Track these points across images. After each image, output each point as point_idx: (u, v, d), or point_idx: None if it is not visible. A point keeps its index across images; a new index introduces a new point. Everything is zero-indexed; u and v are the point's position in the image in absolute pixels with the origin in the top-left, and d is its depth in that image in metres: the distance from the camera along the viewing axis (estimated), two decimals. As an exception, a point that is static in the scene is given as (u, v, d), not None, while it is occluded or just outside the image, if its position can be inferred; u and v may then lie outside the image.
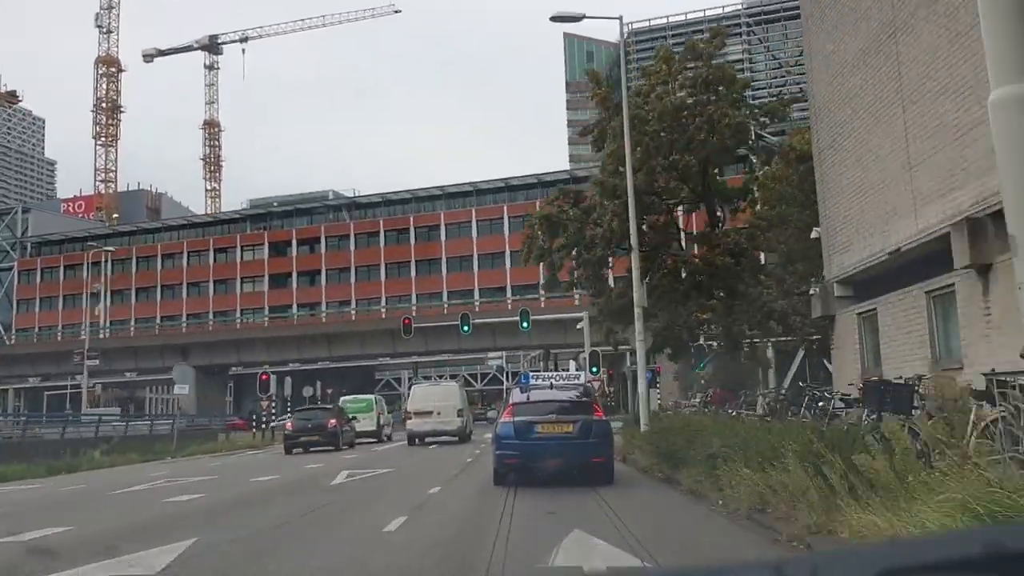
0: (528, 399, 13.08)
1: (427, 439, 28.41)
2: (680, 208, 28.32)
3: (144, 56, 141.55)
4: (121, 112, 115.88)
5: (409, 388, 39.73)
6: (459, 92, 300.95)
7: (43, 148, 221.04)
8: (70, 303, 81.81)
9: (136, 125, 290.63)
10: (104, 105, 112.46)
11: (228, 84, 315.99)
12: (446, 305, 66.25)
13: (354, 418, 31.23)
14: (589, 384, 16.54)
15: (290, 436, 27.04)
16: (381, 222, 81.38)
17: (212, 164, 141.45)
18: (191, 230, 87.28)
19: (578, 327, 40.67)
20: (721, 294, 23.45)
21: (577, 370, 49.20)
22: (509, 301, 53.78)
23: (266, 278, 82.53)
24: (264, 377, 37.46)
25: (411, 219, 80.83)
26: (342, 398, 35.14)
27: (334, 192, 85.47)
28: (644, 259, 21.11)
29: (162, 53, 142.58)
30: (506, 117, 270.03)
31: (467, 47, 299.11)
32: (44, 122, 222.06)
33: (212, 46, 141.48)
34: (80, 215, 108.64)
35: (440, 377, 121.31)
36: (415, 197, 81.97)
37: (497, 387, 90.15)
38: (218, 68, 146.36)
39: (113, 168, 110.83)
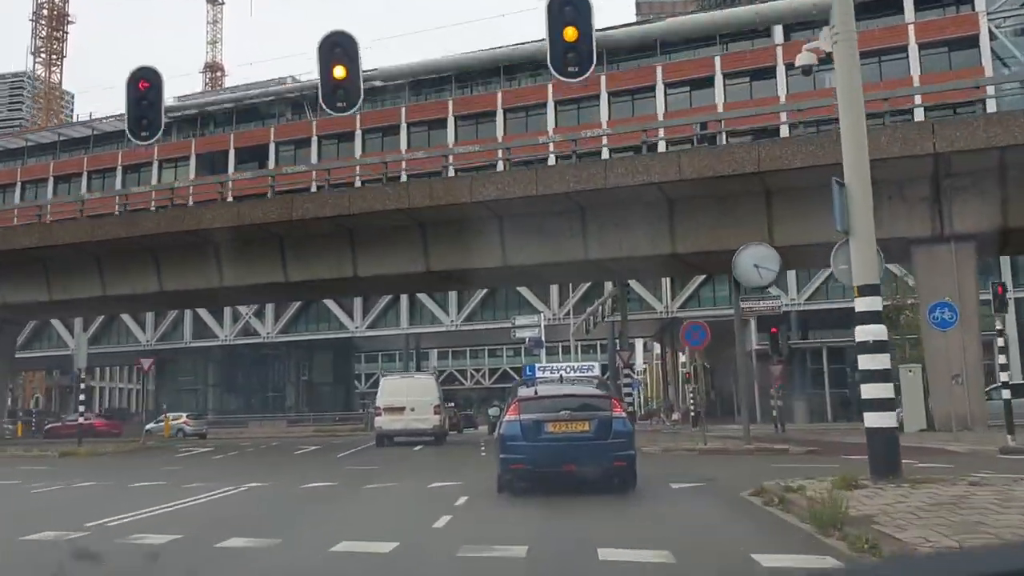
0: (536, 394, 11.36)
1: (397, 439, 25.54)
2: None
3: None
4: (69, 23, 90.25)
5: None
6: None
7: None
8: None
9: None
10: (46, 12, 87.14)
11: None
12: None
13: None
14: (604, 380, 14.70)
15: None
16: (357, 119, 52.91)
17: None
18: (96, 146, 60.54)
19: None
20: None
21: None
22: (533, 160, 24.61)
23: (191, 208, 55.26)
24: None
25: (402, 111, 52.30)
26: None
27: (293, 79, 57.53)
28: None
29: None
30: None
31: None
32: (73, 96, 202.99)
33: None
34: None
35: (487, 376, 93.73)
36: (411, 82, 53.28)
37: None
38: (222, 3, 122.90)
39: (59, 94, 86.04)
